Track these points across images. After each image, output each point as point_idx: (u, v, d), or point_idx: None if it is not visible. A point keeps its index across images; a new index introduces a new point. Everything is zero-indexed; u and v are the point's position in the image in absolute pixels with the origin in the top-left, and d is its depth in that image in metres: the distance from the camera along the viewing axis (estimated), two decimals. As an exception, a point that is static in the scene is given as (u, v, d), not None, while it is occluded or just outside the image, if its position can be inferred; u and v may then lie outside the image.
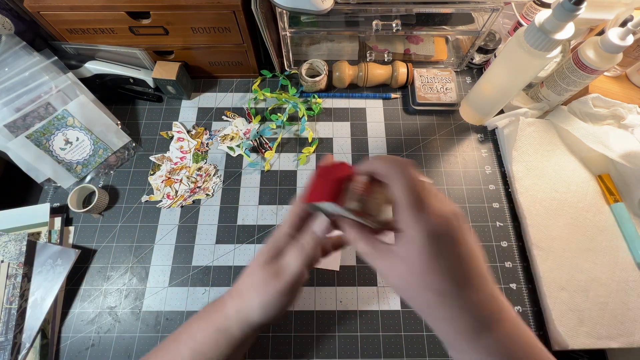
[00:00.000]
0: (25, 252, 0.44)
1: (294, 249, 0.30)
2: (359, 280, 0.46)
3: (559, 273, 0.45)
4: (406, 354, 0.43)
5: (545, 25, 0.37)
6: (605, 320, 0.42)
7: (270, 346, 0.43)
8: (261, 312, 0.30)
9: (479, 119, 0.56)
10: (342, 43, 0.60)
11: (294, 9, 0.44)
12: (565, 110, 0.53)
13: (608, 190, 0.49)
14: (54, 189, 0.52)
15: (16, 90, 0.48)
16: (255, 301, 0.31)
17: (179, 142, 0.55)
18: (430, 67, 0.60)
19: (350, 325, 0.44)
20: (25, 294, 0.43)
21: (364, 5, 0.47)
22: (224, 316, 0.32)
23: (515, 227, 0.50)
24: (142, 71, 0.55)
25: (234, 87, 0.61)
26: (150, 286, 0.46)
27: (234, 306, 0.32)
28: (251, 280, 0.32)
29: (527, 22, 0.55)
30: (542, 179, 0.50)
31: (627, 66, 0.54)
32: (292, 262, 0.29)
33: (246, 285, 0.32)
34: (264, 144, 0.56)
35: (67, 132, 0.51)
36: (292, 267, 0.29)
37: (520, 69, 0.43)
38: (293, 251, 0.30)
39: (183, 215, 0.50)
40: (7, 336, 0.40)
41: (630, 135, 0.51)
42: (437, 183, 0.53)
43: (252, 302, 0.31)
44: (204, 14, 0.47)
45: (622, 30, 0.41)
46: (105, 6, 0.46)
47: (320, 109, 0.58)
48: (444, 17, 0.53)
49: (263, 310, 0.30)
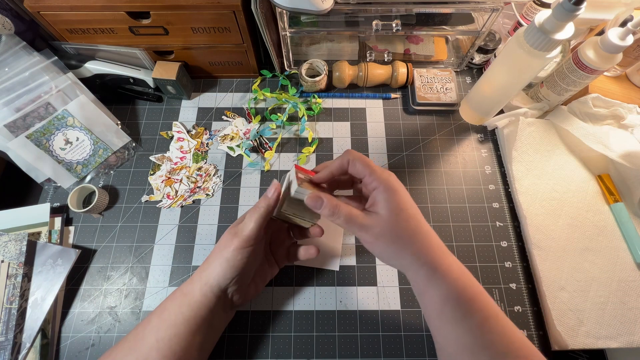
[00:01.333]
0: (25, 252, 0.44)
1: (249, 211, 0.36)
2: (359, 280, 0.47)
3: (559, 273, 0.45)
4: (406, 354, 0.43)
5: (545, 25, 0.37)
6: (605, 320, 0.42)
7: (270, 346, 0.43)
8: (219, 271, 0.35)
9: (478, 119, 0.56)
10: (342, 43, 0.60)
11: (294, 9, 0.44)
12: (565, 110, 0.53)
13: (608, 190, 0.49)
14: (54, 189, 0.52)
15: (16, 90, 0.48)
16: (216, 262, 0.36)
17: (179, 142, 0.55)
18: (430, 67, 0.60)
19: (350, 325, 0.44)
20: (26, 293, 0.43)
21: (364, 5, 0.47)
22: (189, 281, 0.37)
23: (515, 227, 0.50)
24: (142, 71, 0.55)
25: (234, 87, 0.61)
26: (150, 286, 0.46)
27: (198, 271, 0.37)
28: (216, 247, 0.37)
29: (527, 22, 0.55)
30: (542, 179, 0.50)
31: (627, 66, 0.54)
32: (247, 221, 0.35)
33: (212, 252, 0.37)
34: (264, 144, 0.56)
35: (67, 132, 0.51)
36: (247, 224, 0.35)
37: (520, 69, 0.43)
38: (248, 213, 0.36)
39: (183, 215, 0.50)
40: (7, 336, 0.40)
41: (630, 135, 0.51)
42: (437, 183, 0.53)
43: (212, 264, 0.36)
44: (204, 14, 0.47)
45: (622, 30, 0.41)
46: (105, 6, 0.46)
47: (320, 109, 0.58)
48: (444, 17, 0.53)
49: (221, 269, 0.35)
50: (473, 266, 0.47)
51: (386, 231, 0.32)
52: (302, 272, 0.47)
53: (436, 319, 0.32)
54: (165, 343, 0.33)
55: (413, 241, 0.32)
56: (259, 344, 0.43)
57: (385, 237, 0.32)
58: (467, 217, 0.50)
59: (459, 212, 0.51)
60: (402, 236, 0.32)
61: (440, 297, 0.31)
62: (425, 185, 0.52)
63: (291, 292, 0.46)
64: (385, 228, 0.32)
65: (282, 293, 0.46)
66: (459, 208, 0.51)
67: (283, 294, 0.46)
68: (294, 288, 0.46)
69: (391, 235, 0.32)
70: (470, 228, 0.50)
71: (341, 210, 0.33)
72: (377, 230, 0.32)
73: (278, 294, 0.46)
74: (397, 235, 0.32)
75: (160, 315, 0.35)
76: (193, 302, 0.35)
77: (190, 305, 0.35)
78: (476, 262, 0.48)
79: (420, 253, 0.32)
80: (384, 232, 0.32)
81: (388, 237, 0.32)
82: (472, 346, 0.30)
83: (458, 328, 0.30)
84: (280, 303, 0.45)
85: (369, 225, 0.32)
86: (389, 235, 0.32)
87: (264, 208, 0.36)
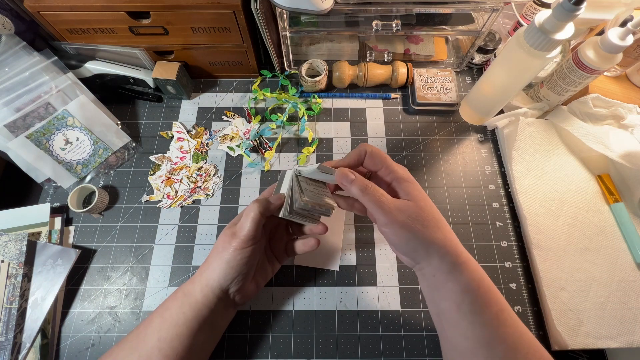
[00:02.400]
0: (25, 252, 0.44)
1: (245, 210, 0.36)
2: (359, 280, 0.47)
3: (559, 273, 0.45)
4: (406, 354, 0.43)
5: (545, 25, 0.37)
6: (605, 320, 0.42)
7: (270, 346, 0.43)
8: (219, 272, 0.35)
9: (478, 119, 0.56)
10: (342, 43, 0.60)
11: (294, 9, 0.44)
12: (565, 110, 0.53)
13: (608, 190, 0.49)
14: (54, 189, 0.52)
15: (16, 90, 0.48)
16: (215, 263, 0.35)
17: (179, 142, 0.55)
18: (430, 67, 0.60)
19: (350, 325, 0.44)
20: (26, 294, 0.43)
21: (364, 5, 0.47)
22: (190, 281, 0.37)
23: (515, 227, 0.50)
24: (142, 71, 0.55)
25: (234, 87, 0.61)
26: (150, 286, 0.46)
27: (199, 272, 0.37)
28: (215, 247, 0.37)
29: (527, 22, 0.55)
30: (542, 179, 0.50)
31: (627, 66, 0.54)
32: (244, 221, 0.35)
33: (211, 252, 0.37)
34: (264, 144, 0.56)
35: (67, 132, 0.51)
36: (244, 225, 0.35)
37: (520, 69, 0.43)
38: (244, 212, 0.36)
39: (183, 215, 0.50)
40: (7, 336, 0.40)
41: (630, 135, 0.51)
42: (437, 183, 0.53)
43: (212, 265, 0.36)
44: (204, 14, 0.47)
45: (622, 30, 0.41)
46: (105, 6, 0.46)
47: (320, 109, 0.58)
48: (444, 17, 0.53)
49: (221, 270, 0.35)
50: (473, 266, 0.47)
51: (415, 215, 0.31)
52: (302, 272, 0.47)
53: (455, 312, 0.31)
54: (167, 343, 0.33)
55: (439, 227, 0.32)
56: (259, 344, 0.43)
57: (414, 221, 0.31)
58: (467, 217, 0.50)
59: (459, 212, 0.51)
60: (430, 223, 0.31)
61: (461, 289, 0.31)
62: (425, 185, 0.52)
63: (291, 292, 0.46)
64: (415, 213, 0.31)
65: (282, 293, 0.46)
66: (459, 208, 0.51)
67: (283, 294, 0.46)
68: (294, 288, 0.46)
69: (420, 220, 0.31)
70: (470, 228, 0.50)
71: (372, 189, 0.32)
72: (406, 214, 0.31)
73: (278, 294, 0.46)
74: (425, 220, 0.31)
75: (162, 315, 0.35)
76: (194, 302, 0.35)
77: (191, 306, 0.35)
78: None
79: (445, 240, 0.32)
80: (413, 216, 0.31)
81: (417, 222, 0.31)
82: (489, 340, 0.29)
83: (476, 321, 0.30)
84: (280, 303, 0.45)
85: (399, 208, 0.31)
86: (418, 220, 0.31)
87: (260, 207, 0.35)
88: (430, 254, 0.32)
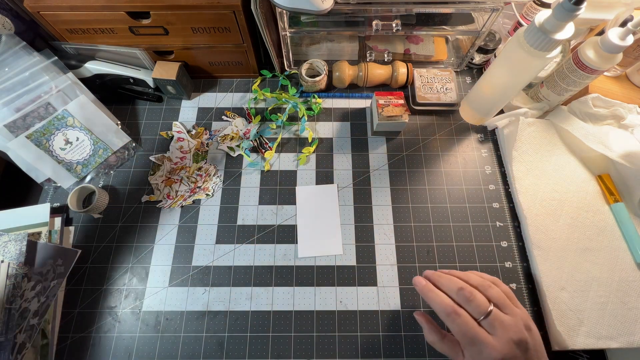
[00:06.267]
0: (25, 252, 0.44)
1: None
2: (359, 280, 0.46)
3: (559, 273, 0.45)
4: (406, 354, 0.43)
5: (545, 25, 0.37)
6: (605, 320, 0.42)
7: (270, 346, 0.43)
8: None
9: (479, 119, 0.56)
10: (342, 43, 0.60)
11: (294, 9, 0.44)
12: (565, 110, 0.53)
13: (608, 190, 0.49)
14: (54, 189, 0.52)
15: (16, 90, 0.48)
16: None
17: (179, 142, 0.55)
18: (430, 67, 0.60)
19: (350, 325, 0.44)
20: (25, 293, 0.43)
21: (364, 5, 0.47)
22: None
23: (515, 227, 0.50)
24: (142, 71, 0.55)
25: (234, 87, 0.61)
26: (150, 286, 0.46)
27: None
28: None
29: (527, 22, 0.55)
30: (542, 179, 0.50)
31: (627, 66, 0.54)
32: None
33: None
34: (264, 144, 0.56)
35: (67, 132, 0.51)
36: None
37: (520, 69, 0.43)
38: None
39: (183, 215, 0.50)
40: (7, 336, 0.40)
41: (630, 135, 0.51)
42: (437, 183, 0.53)
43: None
44: (204, 14, 0.47)
45: (622, 30, 0.41)
46: (105, 6, 0.46)
47: (320, 109, 0.58)
48: (444, 17, 0.53)
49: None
50: (473, 266, 0.47)
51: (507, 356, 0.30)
52: (302, 272, 0.47)
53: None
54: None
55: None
56: (259, 344, 0.43)
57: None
58: (467, 217, 0.50)
59: (459, 212, 0.51)
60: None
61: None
62: (425, 185, 0.52)
63: (291, 292, 0.46)
64: (506, 350, 0.30)
65: (282, 293, 0.46)
66: (459, 208, 0.51)
67: (283, 294, 0.46)
68: (294, 288, 0.46)
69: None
70: (471, 228, 0.50)
71: (462, 314, 0.32)
72: (497, 350, 0.30)
73: (278, 294, 0.46)
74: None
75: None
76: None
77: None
78: (476, 262, 0.48)
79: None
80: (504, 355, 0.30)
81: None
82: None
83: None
84: (280, 303, 0.45)
85: (488, 344, 0.30)
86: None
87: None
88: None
